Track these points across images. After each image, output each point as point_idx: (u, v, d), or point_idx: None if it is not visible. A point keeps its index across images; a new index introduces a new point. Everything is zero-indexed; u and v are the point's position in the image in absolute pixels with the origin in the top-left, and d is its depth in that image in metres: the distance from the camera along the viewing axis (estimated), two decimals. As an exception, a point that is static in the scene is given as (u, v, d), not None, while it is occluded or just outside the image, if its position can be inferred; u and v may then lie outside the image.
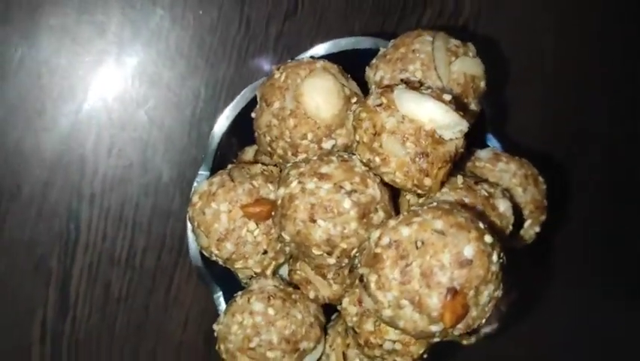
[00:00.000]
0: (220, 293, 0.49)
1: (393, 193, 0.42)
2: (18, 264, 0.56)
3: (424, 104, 0.38)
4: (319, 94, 0.42)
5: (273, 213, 0.41)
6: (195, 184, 0.47)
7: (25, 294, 0.57)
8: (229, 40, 0.57)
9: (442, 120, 0.38)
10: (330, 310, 0.49)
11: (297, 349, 0.43)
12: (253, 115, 0.45)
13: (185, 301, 0.60)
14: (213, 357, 0.61)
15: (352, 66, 0.45)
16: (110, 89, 0.56)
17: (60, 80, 0.55)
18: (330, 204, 0.38)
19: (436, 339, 0.37)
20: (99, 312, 0.59)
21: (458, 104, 0.40)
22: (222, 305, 0.49)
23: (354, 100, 0.43)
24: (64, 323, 0.58)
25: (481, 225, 0.36)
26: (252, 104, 0.46)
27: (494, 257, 0.35)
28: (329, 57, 0.45)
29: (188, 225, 0.47)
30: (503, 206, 0.42)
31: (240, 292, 0.45)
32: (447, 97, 0.39)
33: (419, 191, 0.40)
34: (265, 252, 0.43)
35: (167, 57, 0.56)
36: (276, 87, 0.43)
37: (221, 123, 0.47)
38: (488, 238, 0.35)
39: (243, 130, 0.48)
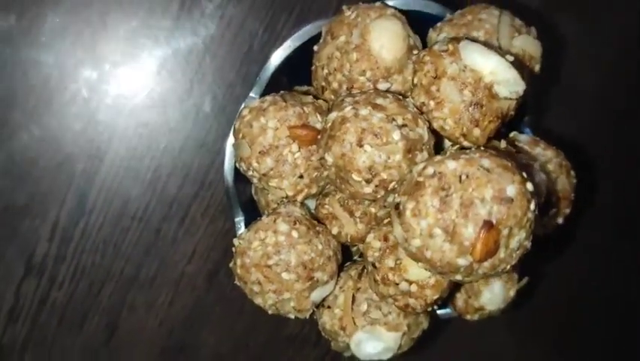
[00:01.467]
0: (242, 218, 0.50)
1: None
2: (42, 159, 0.57)
3: (488, 57, 0.40)
4: (386, 35, 0.43)
5: (319, 137, 0.43)
6: (243, 105, 0.48)
7: (42, 191, 0.57)
8: (296, -8, 0.59)
9: (502, 75, 0.39)
10: (345, 257, 0.49)
11: (311, 277, 0.44)
12: (315, 48, 0.47)
13: (196, 235, 0.61)
14: (210, 296, 0.62)
15: (413, 28, 0.47)
16: (170, 15, 0.57)
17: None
18: (380, 132, 0.39)
19: (458, 277, 0.37)
20: (111, 226, 0.59)
21: (518, 68, 0.41)
22: (242, 230, 0.49)
23: (415, 52, 0.45)
24: (75, 227, 0.58)
25: (525, 174, 0.37)
26: (312, 42, 0.48)
27: (532, 205, 0.36)
28: (395, 11, 0.47)
29: (228, 142, 0.48)
30: (538, 177, 0.43)
31: (266, 213, 0.46)
32: (510, 57, 0.40)
33: (465, 142, 0.41)
34: (301, 176, 0.44)
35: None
36: (344, 23, 0.45)
37: (280, 53, 0.48)
38: (530, 186, 0.36)
39: (294, 72, 0.50)
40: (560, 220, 0.49)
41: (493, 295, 0.47)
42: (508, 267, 0.37)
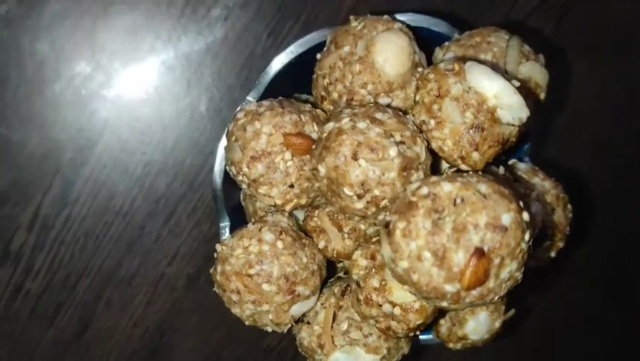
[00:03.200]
0: (228, 223, 0.48)
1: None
2: (29, 145, 0.55)
3: (493, 80, 0.38)
4: (391, 49, 0.42)
5: (313, 147, 0.41)
6: (239, 107, 0.47)
7: (27, 177, 0.56)
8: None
9: (507, 100, 0.38)
10: (330, 273, 0.48)
11: (292, 291, 0.42)
12: (318, 56, 0.45)
13: (180, 237, 0.59)
14: (189, 301, 0.60)
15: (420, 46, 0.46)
16: (174, 11, 0.56)
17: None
18: (377, 147, 0.38)
19: (444, 304, 0.36)
20: (94, 219, 0.57)
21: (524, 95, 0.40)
22: (227, 235, 0.48)
23: (420, 69, 0.43)
24: (57, 217, 0.56)
25: (522, 204, 0.36)
26: (316, 50, 0.47)
27: (527, 236, 0.35)
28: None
29: (220, 144, 0.47)
30: (535, 208, 0.42)
31: (252, 221, 0.45)
32: (516, 83, 0.39)
33: (462, 165, 0.40)
34: (292, 186, 0.43)
35: (242, -4, 0.57)
36: (350, 33, 0.43)
37: (282, 58, 0.47)
38: (526, 216, 0.35)
39: (297, 80, 0.48)
40: (553, 254, 0.48)
41: (478, 325, 0.46)
42: (497, 298, 0.36)
